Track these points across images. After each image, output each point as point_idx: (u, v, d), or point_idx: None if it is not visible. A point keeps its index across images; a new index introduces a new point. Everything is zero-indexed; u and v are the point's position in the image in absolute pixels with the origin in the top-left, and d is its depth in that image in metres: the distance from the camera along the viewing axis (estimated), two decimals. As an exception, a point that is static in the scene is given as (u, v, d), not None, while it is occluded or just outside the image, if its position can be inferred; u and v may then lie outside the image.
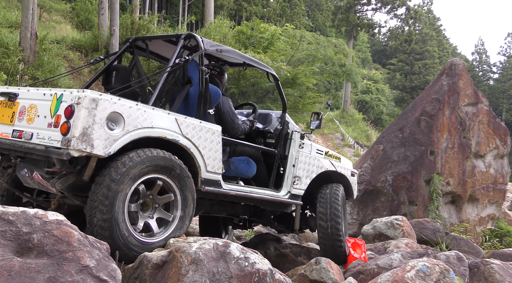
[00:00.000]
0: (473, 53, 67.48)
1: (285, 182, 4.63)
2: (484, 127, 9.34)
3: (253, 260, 2.99)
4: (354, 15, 37.48)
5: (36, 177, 3.31)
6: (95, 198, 3.07)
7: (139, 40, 4.47)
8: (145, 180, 3.28)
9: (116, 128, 3.11)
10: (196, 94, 3.93)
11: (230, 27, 20.12)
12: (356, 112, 37.59)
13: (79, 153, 2.95)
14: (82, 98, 2.95)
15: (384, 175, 8.19)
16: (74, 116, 2.93)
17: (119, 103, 3.12)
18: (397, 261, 4.48)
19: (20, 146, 3.17)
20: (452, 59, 9.73)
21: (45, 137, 3.06)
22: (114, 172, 3.10)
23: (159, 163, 3.31)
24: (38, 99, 3.23)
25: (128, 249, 3.12)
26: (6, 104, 3.45)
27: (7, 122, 3.38)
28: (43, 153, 3.01)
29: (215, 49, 4.09)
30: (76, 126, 2.92)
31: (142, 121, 3.23)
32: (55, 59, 13.39)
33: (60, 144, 2.94)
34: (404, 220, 6.11)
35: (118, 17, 15.20)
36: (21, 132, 3.23)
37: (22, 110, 3.30)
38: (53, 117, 3.05)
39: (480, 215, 9.00)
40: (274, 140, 4.71)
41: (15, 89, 3.47)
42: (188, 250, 2.90)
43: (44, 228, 2.47)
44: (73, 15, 23.27)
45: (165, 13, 36.95)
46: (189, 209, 3.54)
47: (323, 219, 4.71)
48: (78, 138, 2.91)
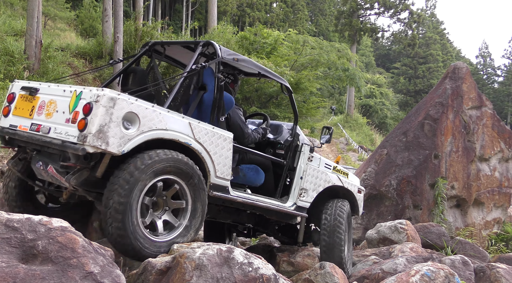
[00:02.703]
0: (477, 56, 67.39)
1: (292, 193, 4.64)
2: (489, 131, 9.31)
3: (257, 265, 2.99)
4: (357, 19, 37.55)
5: (50, 170, 3.38)
6: (116, 181, 3.13)
7: (157, 45, 4.57)
8: (165, 179, 3.35)
9: (131, 128, 3.18)
10: (210, 101, 4.00)
11: (233, 33, 20.19)
12: (360, 117, 37.57)
13: (94, 149, 3.01)
14: (101, 96, 3.03)
15: (388, 179, 8.17)
16: (92, 113, 3.01)
17: (136, 104, 3.19)
18: (401, 265, 4.46)
19: (37, 139, 3.27)
20: (455, 63, 9.72)
21: (62, 132, 3.14)
22: (139, 161, 3.17)
23: (182, 167, 3.39)
24: (58, 95, 3.33)
25: (134, 237, 3.16)
26: (26, 98, 3.57)
27: (26, 115, 3.48)
28: (59, 147, 3.10)
29: (232, 58, 4.16)
30: (93, 123, 2.99)
31: (157, 123, 3.30)
32: (60, 67, 13.49)
33: (77, 139, 3.02)
34: (408, 224, 6.09)
35: (122, 24, 15.30)
36: (39, 126, 3.32)
37: (41, 105, 3.40)
38: (71, 113, 3.14)
39: (486, 219, 8.95)
40: (284, 152, 4.76)
41: (37, 84, 3.59)
42: (192, 256, 2.90)
43: (49, 234, 2.49)
44: (77, 22, 23.44)
45: (168, 19, 37.16)
46: (196, 221, 3.56)
47: (326, 234, 4.70)
48: (94, 135, 2.98)
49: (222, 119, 4.02)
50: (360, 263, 5.10)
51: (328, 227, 4.71)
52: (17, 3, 20.65)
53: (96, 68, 10.23)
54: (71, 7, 25.80)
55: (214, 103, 3.95)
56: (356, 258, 5.47)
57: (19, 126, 3.49)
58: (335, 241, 4.65)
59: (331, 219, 4.73)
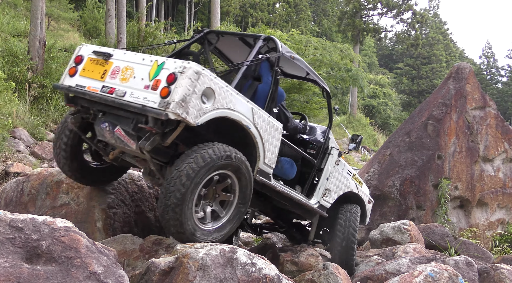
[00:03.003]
0: (481, 56, 67.13)
1: (317, 192, 4.87)
2: (492, 131, 9.28)
3: (260, 265, 2.99)
4: (360, 20, 37.49)
5: (118, 132, 3.54)
6: (181, 168, 3.28)
7: (212, 33, 4.74)
8: (221, 173, 3.54)
9: (207, 103, 3.35)
10: (264, 91, 4.22)
11: (236, 33, 20.19)
12: (363, 117, 37.49)
13: (175, 116, 3.16)
14: (187, 68, 3.22)
15: (392, 179, 8.16)
16: (177, 83, 3.19)
17: (215, 81, 3.39)
18: (405, 266, 4.45)
19: (111, 100, 3.41)
20: (459, 63, 9.69)
21: (140, 97, 3.30)
22: (206, 153, 3.34)
23: (239, 164, 3.59)
24: (136, 62, 3.50)
25: (187, 219, 3.32)
26: (97, 62, 3.72)
27: (97, 78, 3.64)
28: (140, 110, 3.25)
29: (290, 55, 4.39)
30: (177, 92, 3.17)
31: (227, 102, 3.50)
32: (63, 67, 13.51)
33: (158, 105, 3.18)
34: (411, 225, 6.07)
35: (125, 24, 15.34)
36: (112, 88, 3.48)
37: (115, 70, 3.57)
38: (152, 80, 3.30)
39: (490, 220, 8.92)
40: (315, 152, 5.00)
41: (110, 50, 3.75)
42: (195, 256, 2.91)
43: (53, 234, 2.49)
44: (80, 23, 23.50)
45: (171, 20, 37.22)
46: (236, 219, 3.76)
47: (340, 237, 4.94)
48: (177, 103, 3.14)
49: (275, 110, 4.26)
50: (363, 263, 5.09)
51: (343, 228, 4.95)
52: (20, 4, 20.72)
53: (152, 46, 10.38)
54: (75, 7, 25.86)
55: (271, 94, 4.16)
56: (359, 259, 5.47)
57: (87, 87, 3.64)
58: (348, 244, 4.88)
59: (346, 222, 4.98)
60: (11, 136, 10.29)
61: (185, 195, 3.26)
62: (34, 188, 4.86)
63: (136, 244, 4.13)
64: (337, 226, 5.00)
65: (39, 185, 4.85)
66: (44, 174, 4.94)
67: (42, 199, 4.78)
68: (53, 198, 4.78)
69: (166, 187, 3.29)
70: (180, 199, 3.26)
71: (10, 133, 10.26)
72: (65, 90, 3.80)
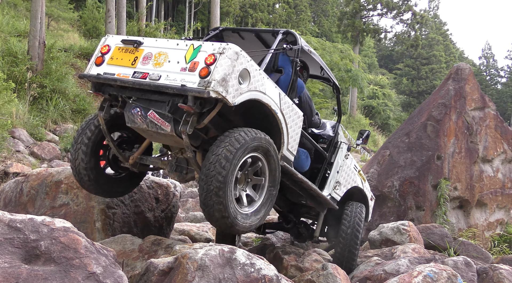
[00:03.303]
0: (480, 57, 67.14)
1: (328, 184, 4.98)
2: (492, 132, 9.28)
3: (259, 266, 2.99)
4: (360, 20, 37.49)
5: (152, 115, 3.58)
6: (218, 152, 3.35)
7: (228, 30, 4.81)
8: (253, 156, 3.60)
9: (243, 84, 3.44)
10: (285, 82, 4.30)
11: (236, 34, 20.20)
12: (362, 118, 37.47)
13: (216, 94, 3.24)
14: (227, 49, 3.30)
15: (391, 180, 8.16)
16: (217, 63, 3.26)
17: (251, 63, 3.49)
18: (404, 266, 4.45)
19: (146, 84, 3.45)
20: (458, 64, 9.70)
21: (177, 79, 3.37)
22: (241, 136, 3.42)
23: (268, 147, 3.65)
24: (170, 48, 3.58)
25: (230, 202, 3.38)
26: (127, 50, 3.76)
27: (128, 65, 3.68)
28: (179, 90, 3.30)
29: (307, 49, 4.52)
30: (218, 71, 3.24)
31: (260, 85, 3.60)
32: (63, 67, 13.53)
33: (197, 85, 3.25)
34: (410, 225, 6.07)
35: (125, 25, 15.35)
36: (145, 74, 3.54)
37: (147, 56, 3.63)
38: (188, 63, 3.38)
39: (489, 220, 8.92)
40: (326, 146, 5.10)
41: (139, 38, 3.80)
42: (194, 256, 2.91)
43: (51, 235, 2.49)
44: (80, 23, 23.49)
45: (171, 20, 37.24)
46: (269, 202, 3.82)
47: (344, 234, 5.01)
48: (218, 82, 3.22)
49: (296, 101, 4.32)
50: (363, 264, 5.09)
51: (348, 227, 5.02)
52: (20, 4, 20.72)
53: None
54: (74, 8, 25.86)
55: (291, 84, 4.26)
56: (359, 259, 5.46)
57: (117, 74, 3.67)
58: (353, 241, 4.96)
59: (351, 220, 5.05)
60: (11, 136, 10.29)
61: (226, 177, 3.32)
62: (33, 188, 4.86)
63: (135, 244, 4.13)
64: (342, 224, 5.07)
65: (38, 185, 4.85)
66: (43, 174, 4.94)
67: (41, 199, 4.78)
68: (52, 198, 4.78)
69: (206, 172, 3.34)
70: (223, 181, 3.31)
71: (10, 133, 10.25)
72: (93, 79, 3.80)
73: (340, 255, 4.98)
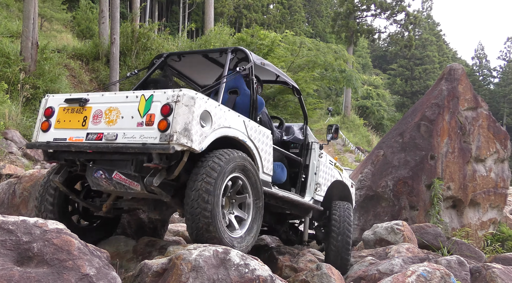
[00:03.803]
0: (473, 58, 67.59)
1: (308, 188, 4.92)
2: (484, 132, 9.35)
3: (253, 266, 2.99)
4: (354, 21, 37.63)
5: (117, 177, 3.39)
6: (199, 179, 3.20)
7: (173, 56, 4.59)
8: (234, 176, 3.48)
9: (206, 126, 3.28)
10: (243, 103, 4.16)
11: (230, 34, 20.20)
12: (357, 118, 37.62)
13: (181, 147, 3.08)
14: (181, 96, 3.11)
15: (385, 180, 8.19)
16: (174, 113, 3.08)
17: (209, 103, 3.31)
18: (398, 266, 4.47)
19: (104, 146, 3.24)
20: (451, 64, 9.75)
21: (136, 136, 3.18)
22: (218, 159, 3.29)
23: (246, 164, 3.54)
24: (119, 102, 3.36)
25: (222, 234, 3.26)
26: (73, 110, 3.54)
27: (78, 126, 3.46)
28: (141, 149, 3.10)
29: (260, 62, 4.38)
30: (177, 122, 3.07)
31: (223, 121, 3.44)
32: (56, 68, 13.46)
33: (159, 140, 3.07)
34: (404, 225, 6.10)
35: (118, 25, 15.28)
36: (99, 134, 3.32)
37: (97, 114, 3.40)
38: (144, 116, 3.18)
39: (482, 220, 8.98)
40: (298, 150, 5.03)
41: (84, 95, 3.56)
42: (188, 257, 2.90)
43: (44, 237, 2.48)
44: (74, 24, 23.40)
45: (165, 21, 37.16)
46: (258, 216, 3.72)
47: (335, 234, 5.00)
48: (180, 133, 3.06)
49: (258, 119, 4.18)
50: (357, 264, 5.10)
51: (338, 228, 5.00)
52: (13, 4, 20.60)
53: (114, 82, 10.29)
54: (68, 8, 25.74)
55: (252, 104, 4.10)
56: (353, 259, 5.48)
57: (69, 138, 3.45)
58: (344, 242, 4.97)
59: (340, 221, 5.04)
60: (3, 137, 10.22)
61: (212, 211, 3.18)
62: (26, 190, 4.84)
63: (129, 245, 4.11)
64: (332, 224, 5.05)
65: (31, 187, 4.82)
66: (36, 175, 4.91)
67: (34, 201, 4.75)
68: (46, 199, 4.74)
69: (191, 210, 3.19)
70: (210, 216, 3.17)
71: (2, 134, 10.18)
72: (44, 148, 3.54)
73: (334, 260, 4.95)
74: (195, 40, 21.51)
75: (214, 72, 4.95)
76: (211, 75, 5.06)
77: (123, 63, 16.46)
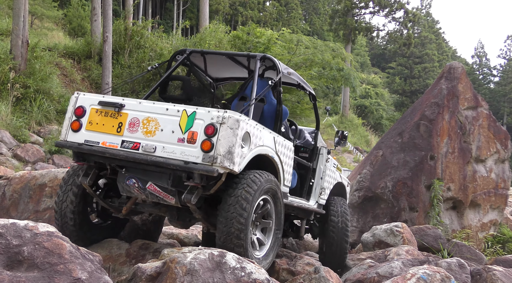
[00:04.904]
0: (473, 56, 67.79)
1: (314, 193, 5.06)
2: (485, 132, 9.38)
3: (249, 269, 2.98)
4: (352, 18, 37.67)
5: (151, 188, 3.47)
6: (234, 201, 3.33)
7: (195, 53, 4.62)
8: (263, 198, 3.63)
9: (245, 147, 3.40)
10: (270, 112, 4.29)
11: (226, 32, 20.16)
12: (355, 117, 37.65)
13: (224, 169, 3.21)
14: (227, 118, 3.22)
15: (384, 181, 8.20)
16: (219, 135, 3.19)
17: (250, 124, 3.44)
18: (397, 269, 4.47)
19: (143, 158, 3.31)
20: (450, 63, 9.79)
21: (176, 152, 3.27)
22: (252, 181, 3.41)
23: (274, 187, 3.71)
24: (158, 113, 3.41)
25: (249, 245, 3.38)
26: (106, 113, 3.56)
27: (112, 132, 3.50)
28: (183, 168, 3.21)
29: (287, 72, 4.45)
30: (222, 145, 3.19)
31: (259, 140, 3.57)
32: (47, 67, 13.40)
33: (202, 160, 3.18)
34: (404, 227, 6.11)
35: (111, 23, 15.22)
36: (136, 143, 3.39)
37: (133, 122, 3.45)
38: (185, 133, 3.28)
39: (482, 221, 9.01)
40: (308, 155, 5.16)
41: (119, 99, 3.58)
42: (183, 261, 2.89)
43: (35, 240, 2.47)
44: (65, 21, 23.30)
45: (159, 18, 37.07)
46: (276, 246, 3.85)
47: (333, 229, 5.19)
48: (224, 156, 3.18)
49: (283, 129, 4.35)
50: (356, 266, 5.11)
51: (336, 223, 5.19)
52: (2, 1, 20.50)
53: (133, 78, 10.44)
54: (59, 5, 25.64)
55: (277, 115, 4.21)
56: (352, 262, 5.48)
57: (102, 143, 3.50)
58: (343, 239, 5.17)
59: (338, 218, 5.22)
60: (-7, 138, 10.17)
61: (248, 219, 3.31)
62: (16, 192, 4.82)
63: (122, 248, 4.10)
64: (331, 219, 5.20)
65: (22, 189, 4.80)
66: (26, 177, 4.89)
67: (24, 203, 4.74)
68: (36, 202, 4.74)
69: (226, 215, 3.30)
70: (244, 223, 3.28)
71: (-8, 135, 10.13)
72: (76, 149, 3.59)
73: (332, 255, 5.15)
74: (189, 38, 21.49)
75: (228, 67, 4.99)
76: (225, 69, 5.12)
77: (115, 61, 16.41)
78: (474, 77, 59.51)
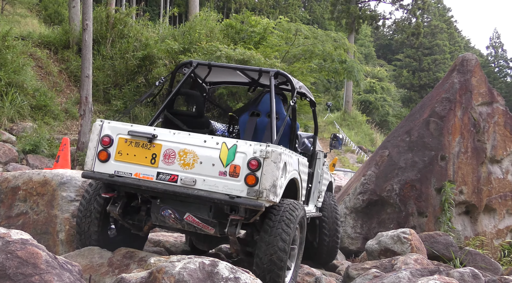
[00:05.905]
0: (488, 47, 68.16)
1: (312, 197, 5.38)
2: (501, 129, 9.42)
3: (244, 280, 2.98)
4: (356, 6, 37.75)
5: (189, 219, 3.77)
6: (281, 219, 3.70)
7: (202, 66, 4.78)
8: None
9: (283, 176, 3.71)
10: (282, 127, 4.48)
11: (218, 21, 20.16)
12: (359, 114, 37.77)
13: (269, 203, 3.54)
14: (270, 153, 3.54)
15: (390, 183, 8.23)
16: (263, 169, 3.51)
17: (288, 154, 3.80)
18: (405, 279, 4.49)
19: (183, 192, 3.56)
20: (463, 54, 9.82)
21: (218, 185, 3.54)
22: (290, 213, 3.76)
23: (304, 219, 4.13)
24: (195, 145, 3.66)
25: (284, 271, 3.71)
26: (137, 144, 3.75)
27: (146, 163, 3.71)
28: (228, 202, 3.50)
29: (299, 86, 4.81)
30: (267, 179, 3.50)
31: (290, 166, 3.89)
32: (20, 58, 13.34)
33: (247, 194, 3.49)
34: (412, 234, 6.13)
35: (91, 10, 15.13)
36: (174, 176, 3.62)
37: (168, 154, 3.67)
38: (227, 166, 3.55)
39: (498, 227, 9.06)
40: (308, 161, 5.37)
41: (150, 129, 3.77)
42: (171, 271, 2.89)
43: (7, 248, 2.45)
44: (40, 8, 23.19)
45: (144, 5, 36.98)
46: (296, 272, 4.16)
47: (326, 221, 5.69)
48: (269, 190, 3.49)
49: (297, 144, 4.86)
50: (360, 277, 5.12)
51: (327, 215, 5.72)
52: (-30, -15, 20.38)
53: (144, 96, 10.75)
54: (33, -10, 25.48)
55: (292, 130, 4.61)
56: (355, 272, 5.49)
57: (134, 174, 3.70)
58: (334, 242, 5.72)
59: (328, 209, 5.73)
60: (-41, 136, 10.12)
61: (289, 243, 3.66)
62: (-14, 195, 4.78)
63: (104, 257, 4.09)
64: (322, 217, 5.68)
65: (-7, 192, 4.77)
66: (-3, 179, 4.86)
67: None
68: (8, 206, 4.71)
69: (269, 238, 3.63)
70: (285, 248, 3.61)
71: (-41, 133, 10.07)
72: (107, 181, 3.76)
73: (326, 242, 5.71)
74: (178, 27, 21.44)
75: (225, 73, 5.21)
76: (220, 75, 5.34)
77: (96, 52, 16.36)
78: (489, 70, 59.83)
